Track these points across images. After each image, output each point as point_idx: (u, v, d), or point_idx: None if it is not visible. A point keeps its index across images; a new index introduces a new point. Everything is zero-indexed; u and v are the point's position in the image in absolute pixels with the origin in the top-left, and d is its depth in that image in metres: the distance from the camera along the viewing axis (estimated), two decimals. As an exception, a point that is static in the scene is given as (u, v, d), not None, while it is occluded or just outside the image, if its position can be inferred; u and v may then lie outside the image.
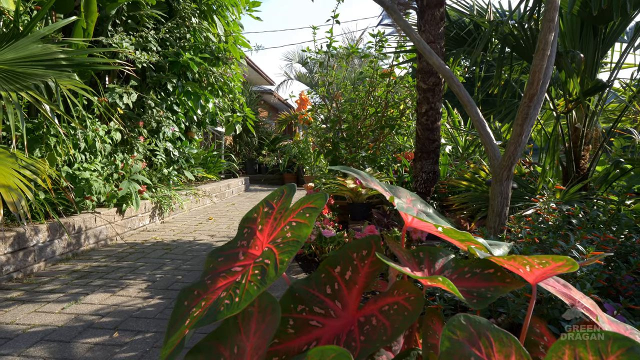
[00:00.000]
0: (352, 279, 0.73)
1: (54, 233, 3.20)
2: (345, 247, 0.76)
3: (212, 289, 0.68)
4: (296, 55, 16.95)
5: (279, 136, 12.85)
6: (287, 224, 0.67)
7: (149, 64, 4.59)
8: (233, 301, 0.58)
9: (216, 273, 0.71)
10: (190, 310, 0.67)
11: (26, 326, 2.08)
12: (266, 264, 0.61)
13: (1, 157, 2.55)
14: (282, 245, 0.63)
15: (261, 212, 0.79)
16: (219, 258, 0.74)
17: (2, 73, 2.68)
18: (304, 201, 0.71)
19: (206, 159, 7.38)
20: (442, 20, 2.78)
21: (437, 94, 2.77)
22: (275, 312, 0.57)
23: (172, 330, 0.65)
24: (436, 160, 2.81)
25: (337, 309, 0.71)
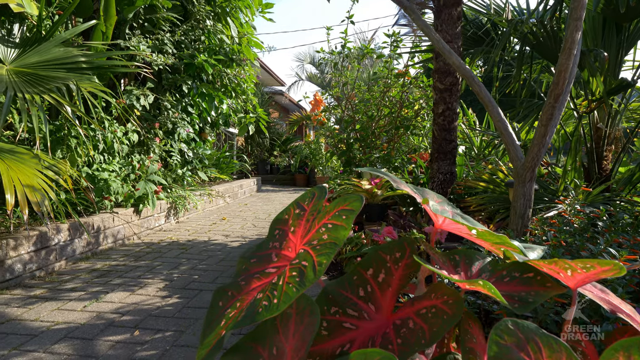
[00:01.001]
0: (386, 282, 0.73)
1: (74, 232, 3.26)
2: (378, 249, 0.76)
3: (247, 290, 0.69)
4: (307, 56, 16.98)
5: (290, 137, 12.89)
6: (322, 226, 0.68)
7: (165, 66, 4.65)
8: (271, 303, 0.58)
9: (250, 274, 0.71)
10: (225, 310, 0.68)
11: (50, 323, 2.12)
12: (303, 266, 0.61)
13: (25, 157, 2.61)
14: (318, 247, 0.63)
15: (292, 214, 0.79)
16: (252, 259, 0.75)
17: (26, 76, 2.74)
18: (338, 203, 0.71)
19: (219, 159, 7.44)
20: (459, 20, 2.76)
21: (455, 94, 2.75)
22: (314, 314, 0.58)
23: (208, 330, 0.66)
24: (453, 161, 2.79)
25: (371, 311, 0.71)
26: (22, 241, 2.78)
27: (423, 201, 0.76)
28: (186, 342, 1.95)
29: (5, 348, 1.86)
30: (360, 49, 3.60)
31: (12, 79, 2.67)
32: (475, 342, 0.63)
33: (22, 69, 2.82)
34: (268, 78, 13.02)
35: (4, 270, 2.62)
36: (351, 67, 3.70)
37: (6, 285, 2.64)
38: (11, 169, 2.38)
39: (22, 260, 2.76)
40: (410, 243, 0.75)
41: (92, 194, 3.14)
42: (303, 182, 11.05)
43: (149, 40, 4.32)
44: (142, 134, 4.49)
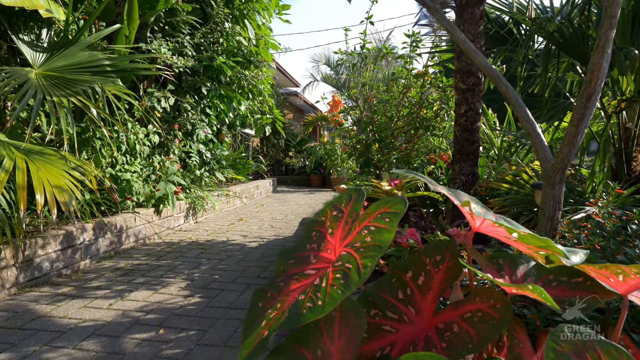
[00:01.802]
0: (426, 285, 0.72)
1: (98, 232, 3.33)
2: (418, 252, 0.76)
3: (286, 291, 0.69)
4: (323, 57, 16.99)
5: (305, 138, 12.93)
6: (364, 229, 0.67)
7: (184, 69, 4.72)
8: (316, 304, 0.58)
9: (288, 275, 0.72)
10: (265, 311, 0.68)
11: (78, 320, 2.17)
12: (347, 269, 0.61)
13: (53, 159, 2.68)
14: (362, 250, 0.63)
15: (329, 216, 0.79)
16: (290, 260, 0.75)
17: (54, 80, 2.81)
18: (379, 205, 0.70)
19: (235, 160, 7.51)
20: (482, 19, 2.72)
21: (477, 94, 2.72)
22: (359, 316, 0.58)
23: (249, 330, 0.66)
24: (475, 162, 2.75)
25: (411, 314, 0.71)
26: (50, 240, 2.85)
27: (463, 203, 0.75)
28: (210, 341, 1.97)
29: (36, 344, 1.91)
30: (379, 49, 3.59)
31: (41, 82, 2.75)
32: (522, 347, 0.62)
33: (50, 72, 2.90)
34: (283, 79, 13.09)
35: (32, 268, 2.70)
36: (370, 67, 3.69)
37: (35, 283, 2.71)
38: (40, 170, 2.44)
39: (49, 259, 2.83)
40: (452, 246, 0.74)
41: (116, 194, 3.20)
42: (318, 183, 11.06)
43: (169, 43, 4.39)
44: (162, 136, 4.57)
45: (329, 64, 16.96)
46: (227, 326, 2.13)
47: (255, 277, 2.95)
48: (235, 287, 2.75)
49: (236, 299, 2.52)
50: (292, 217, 5.73)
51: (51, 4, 2.91)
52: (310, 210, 6.47)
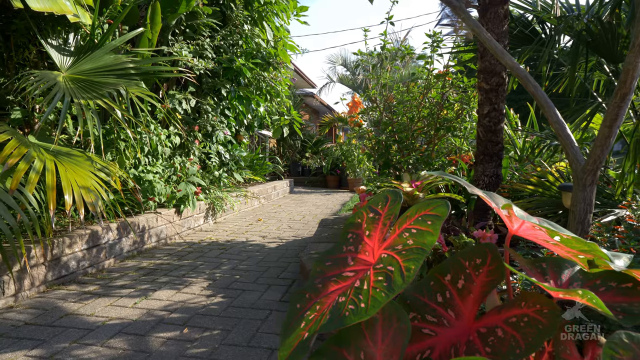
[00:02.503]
0: (466, 288, 0.71)
1: (122, 232, 3.40)
2: (457, 255, 0.75)
3: (325, 292, 0.69)
4: (339, 58, 16.97)
5: (321, 138, 12.95)
6: (405, 231, 0.67)
7: (205, 71, 4.78)
8: (358, 307, 0.58)
9: (326, 277, 0.72)
10: (304, 313, 0.68)
11: (105, 319, 2.22)
12: (390, 271, 0.60)
13: (80, 160, 2.75)
14: (404, 252, 0.62)
15: (366, 218, 0.79)
16: (327, 262, 0.75)
17: (80, 83, 2.88)
18: (420, 208, 0.70)
19: (252, 161, 7.57)
20: (506, 18, 2.68)
21: (501, 94, 2.67)
22: (403, 320, 0.57)
23: (288, 331, 0.67)
24: (499, 163, 2.71)
25: (450, 318, 0.70)
26: (76, 239, 2.92)
27: (503, 206, 0.74)
28: (233, 341, 1.99)
29: (66, 341, 1.96)
30: (399, 49, 3.57)
31: (69, 85, 2.82)
32: (569, 353, 0.61)
33: (77, 75, 2.98)
34: (299, 80, 13.14)
35: (60, 266, 2.77)
36: (390, 68, 3.67)
37: (62, 281, 2.78)
38: (68, 171, 2.51)
39: (76, 258, 2.91)
40: (493, 249, 0.73)
41: (139, 194, 3.26)
42: (335, 183, 11.06)
43: (190, 45, 4.46)
44: (183, 137, 4.63)
45: (346, 65, 16.94)
46: (250, 326, 2.15)
47: (275, 278, 2.96)
48: (256, 287, 2.76)
49: (258, 300, 2.53)
50: (310, 218, 5.74)
51: (78, 9, 2.99)
52: (327, 211, 6.47)
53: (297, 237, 4.47)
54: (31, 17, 2.96)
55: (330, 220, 3.92)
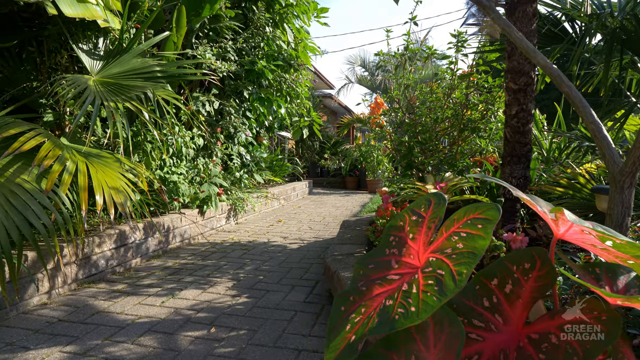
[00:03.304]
0: (514, 293, 0.70)
1: (148, 232, 3.47)
2: (503, 259, 0.73)
3: (369, 295, 0.69)
4: (358, 59, 16.93)
5: (339, 140, 12.95)
6: (454, 235, 0.66)
7: (227, 73, 4.84)
8: (408, 310, 0.57)
9: (370, 280, 0.72)
10: (348, 315, 0.68)
11: (134, 317, 2.26)
12: (440, 275, 0.60)
13: (109, 161, 2.82)
14: (454, 256, 0.61)
15: (408, 221, 0.78)
16: (369, 265, 0.75)
17: (110, 86, 2.96)
18: (468, 211, 0.69)
19: (272, 162, 7.62)
20: (535, 17, 2.61)
21: (529, 94, 2.61)
22: (456, 324, 0.56)
23: (333, 334, 0.67)
24: (527, 165, 2.64)
25: (498, 323, 0.69)
26: (105, 239, 3.00)
27: (553, 210, 0.72)
28: (260, 341, 2.00)
29: (98, 338, 2.01)
30: (423, 50, 3.53)
31: (99, 89, 2.90)
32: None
33: (106, 79, 3.06)
34: (317, 81, 13.16)
35: (90, 265, 2.84)
36: (413, 69, 3.64)
37: (92, 280, 2.86)
38: (99, 172, 2.57)
39: (105, 257, 2.98)
40: (542, 254, 0.71)
41: (165, 195, 3.33)
42: (353, 185, 11.03)
43: (213, 48, 4.53)
44: (206, 138, 4.70)
45: (364, 66, 16.88)
46: (276, 327, 2.16)
47: (298, 279, 2.97)
48: (280, 288, 2.78)
49: (282, 300, 2.54)
50: (330, 219, 5.73)
51: (108, 14, 3.07)
52: (347, 212, 6.46)
53: (318, 238, 4.48)
54: (63, 22, 3.06)
55: (352, 222, 3.91)
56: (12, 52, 3.21)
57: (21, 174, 2.18)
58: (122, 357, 1.82)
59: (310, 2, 6.00)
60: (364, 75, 16.74)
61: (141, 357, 1.83)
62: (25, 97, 3.19)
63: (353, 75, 17.39)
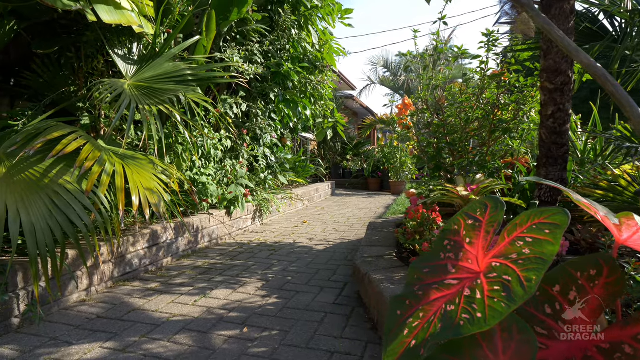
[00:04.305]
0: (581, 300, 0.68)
1: (178, 232, 3.55)
2: (566, 264, 0.71)
3: (426, 300, 0.68)
4: (381, 59, 16.82)
5: (361, 141, 12.91)
6: (518, 240, 0.65)
7: (254, 75, 4.90)
8: (474, 317, 0.57)
9: (425, 284, 0.71)
10: (405, 319, 0.68)
11: (169, 315, 2.32)
12: (506, 281, 0.59)
13: (143, 163, 2.89)
14: (521, 262, 0.60)
15: (463, 225, 0.77)
16: (424, 269, 0.74)
17: (144, 90, 3.04)
18: (532, 216, 0.67)
19: (295, 163, 7.66)
20: (572, 14, 2.54)
21: (566, 94, 2.53)
22: (526, 332, 0.55)
23: (390, 338, 0.66)
24: (564, 166, 2.56)
25: (562, 330, 0.67)
26: (139, 238, 3.08)
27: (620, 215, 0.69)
28: (292, 342, 2.01)
29: (135, 335, 2.07)
30: (452, 50, 3.48)
31: (134, 92, 2.98)
32: None
33: (140, 83, 3.14)
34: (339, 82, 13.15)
35: (125, 264, 2.93)
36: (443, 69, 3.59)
37: (127, 278, 2.94)
38: (134, 173, 2.65)
39: (138, 256, 3.06)
40: (608, 260, 0.69)
41: (196, 196, 3.39)
42: (376, 186, 10.96)
43: (240, 51, 4.59)
44: (233, 140, 4.77)
45: (387, 66, 16.76)
46: (307, 328, 2.16)
47: (326, 280, 2.97)
48: (309, 289, 2.78)
49: (312, 302, 2.55)
50: (355, 221, 5.72)
51: (142, 20, 3.16)
52: (371, 214, 6.42)
53: (343, 239, 4.47)
54: (100, 29, 3.17)
55: (379, 224, 3.88)
56: (52, 58, 3.34)
57: (63, 175, 2.26)
58: (159, 355, 1.87)
59: (335, 3, 6.01)
60: (386, 75, 16.62)
61: (178, 355, 1.87)
62: (64, 101, 3.31)
63: (375, 76, 17.29)
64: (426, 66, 3.47)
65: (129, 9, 2.92)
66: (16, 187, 2.05)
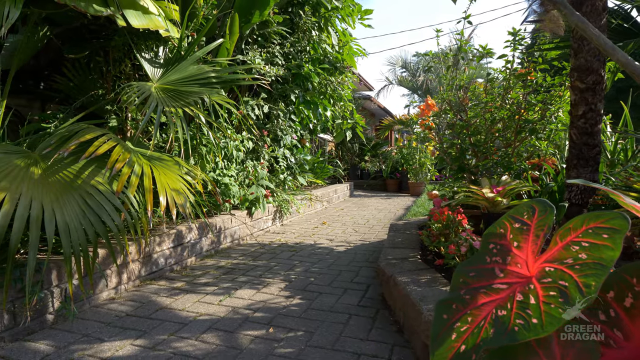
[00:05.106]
0: (637, 307, 0.66)
1: (201, 232, 3.59)
2: (620, 270, 0.69)
3: (474, 304, 0.67)
4: (399, 60, 16.71)
5: (379, 142, 12.84)
6: (573, 244, 0.63)
7: (275, 77, 4.94)
8: (529, 322, 0.55)
9: (472, 288, 0.70)
10: (453, 324, 0.67)
11: (195, 314, 2.35)
12: (563, 286, 0.57)
13: (169, 164, 2.94)
14: (577, 267, 0.59)
15: (510, 228, 0.76)
16: (470, 273, 0.73)
17: (169, 92, 3.10)
18: (588, 220, 0.66)
19: (314, 164, 7.67)
20: (605, 11, 2.47)
21: (598, 93, 2.46)
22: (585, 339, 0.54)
23: (437, 342, 0.66)
24: (596, 168, 2.49)
25: (617, 338, 0.65)
26: (164, 238, 3.14)
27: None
28: (318, 343, 2.01)
29: (164, 333, 2.10)
30: (477, 49, 3.42)
31: (160, 95, 3.04)
32: None
33: (166, 85, 3.20)
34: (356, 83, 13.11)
35: (151, 263, 2.98)
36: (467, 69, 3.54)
37: (153, 277, 3.00)
38: (161, 174, 2.70)
39: (164, 255, 3.12)
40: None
41: (219, 196, 3.43)
42: (394, 187, 10.89)
43: (262, 53, 4.63)
44: (254, 142, 4.81)
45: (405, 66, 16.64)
46: (332, 330, 2.16)
47: (349, 282, 2.97)
48: (332, 290, 2.78)
49: (335, 303, 2.55)
50: (374, 222, 5.69)
51: (168, 24, 3.22)
52: (391, 215, 6.38)
53: (364, 241, 4.45)
54: (128, 33, 3.24)
55: (401, 225, 3.85)
56: (81, 63, 3.44)
57: (95, 176, 2.32)
58: (188, 353, 1.90)
59: (354, 4, 6.00)
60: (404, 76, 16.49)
61: (206, 354, 1.89)
62: (92, 104, 3.40)
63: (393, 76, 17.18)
64: (450, 66, 3.43)
65: (156, 13, 2.98)
66: (51, 187, 2.11)
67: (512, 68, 3.24)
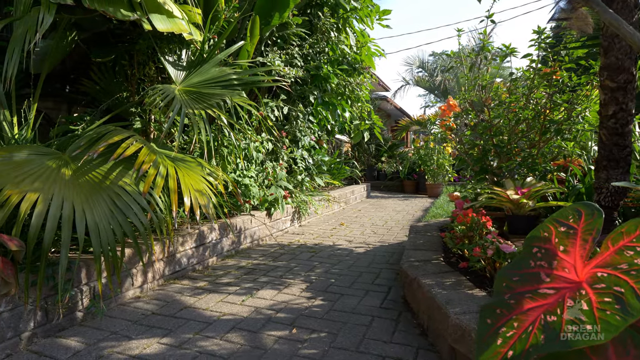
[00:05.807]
0: (694, 315, 0.64)
1: (222, 232, 3.63)
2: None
3: (520, 309, 0.66)
4: (416, 60, 16.57)
5: (396, 143, 12.76)
6: (627, 249, 0.61)
7: (295, 78, 4.96)
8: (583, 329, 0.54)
9: (517, 293, 0.69)
10: (497, 329, 0.66)
11: (219, 314, 2.37)
12: (619, 292, 0.56)
13: (192, 165, 2.99)
14: (633, 272, 0.57)
15: (555, 232, 0.74)
16: (514, 277, 0.72)
17: (192, 94, 3.14)
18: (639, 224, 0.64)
19: (331, 165, 7.67)
20: (637, 8, 2.40)
21: (630, 92, 2.39)
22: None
23: (482, 347, 0.65)
24: (627, 169, 2.42)
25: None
26: (187, 238, 3.18)
27: None
28: (342, 344, 2.01)
29: (189, 332, 2.13)
30: (500, 49, 3.37)
31: (183, 97, 3.09)
32: None
33: (188, 88, 3.25)
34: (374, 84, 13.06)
35: (174, 262, 3.03)
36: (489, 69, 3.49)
37: (176, 276, 3.04)
38: (185, 175, 2.73)
39: (186, 255, 3.16)
40: None
41: (241, 197, 3.46)
42: (412, 189, 10.80)
43: (281, 55, 4.66)
44: (273, 143, 4.84)
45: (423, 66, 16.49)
46: (356, 331, 2.15)
47: (370, 284, 2.95)
48: (353, 292, 2.77)
49: (357, 305, 2.54)
50: (393, 224, 5.65)
51: (191, 27, 3.27)
52: (409, 217, 6.33)
53: (383, 242, 4.43)
54: (152, 36, 3.30)
55: (421, 227, 3.82)
56: (107, 66, 3.52)
57: (122, 177, 2.38)
58: (214, 352, 1.92)
59: (373, 4, 5.99)
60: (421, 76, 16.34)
61: (231, 353, 1.91)
62: (118, 107, 3.48)
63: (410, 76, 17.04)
64: (472, 65, 3.38)
65: (180, 17, 3.03)
66: (81, 188, 2.17)
67: (537, 67, 3.17)
